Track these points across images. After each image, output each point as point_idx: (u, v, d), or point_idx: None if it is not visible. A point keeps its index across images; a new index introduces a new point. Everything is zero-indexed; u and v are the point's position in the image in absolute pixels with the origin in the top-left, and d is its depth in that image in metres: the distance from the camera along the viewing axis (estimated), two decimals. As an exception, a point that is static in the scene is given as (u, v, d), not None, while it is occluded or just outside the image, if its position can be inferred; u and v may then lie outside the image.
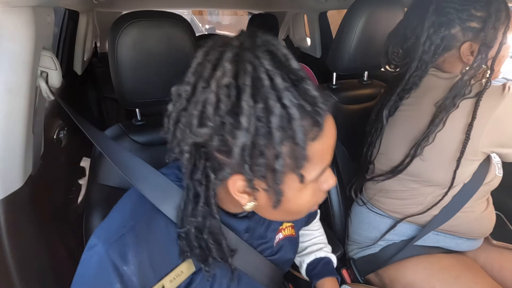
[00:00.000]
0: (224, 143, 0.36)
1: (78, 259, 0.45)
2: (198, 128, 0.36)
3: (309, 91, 0.36)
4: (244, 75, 0.34)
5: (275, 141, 0.34)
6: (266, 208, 0.43)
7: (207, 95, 0.35)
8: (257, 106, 0.34)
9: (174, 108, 0.40)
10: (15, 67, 0.59)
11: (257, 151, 0.35)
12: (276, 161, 0.35)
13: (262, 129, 0.34)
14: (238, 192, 0.41)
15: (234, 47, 0.37)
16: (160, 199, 0.47)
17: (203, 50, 0.39)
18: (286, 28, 2.57)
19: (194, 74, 0.38)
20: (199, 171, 0.41)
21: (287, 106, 0.34)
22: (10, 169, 0.65)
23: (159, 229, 0.46)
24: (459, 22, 0.69)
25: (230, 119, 0.35)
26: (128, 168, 0.52)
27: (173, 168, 0.52)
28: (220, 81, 0.35)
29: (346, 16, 0.97)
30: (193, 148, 0.39)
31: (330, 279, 0.71)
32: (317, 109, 0.36)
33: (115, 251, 0.42)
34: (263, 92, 0.34)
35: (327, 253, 0.76)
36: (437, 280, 0.77)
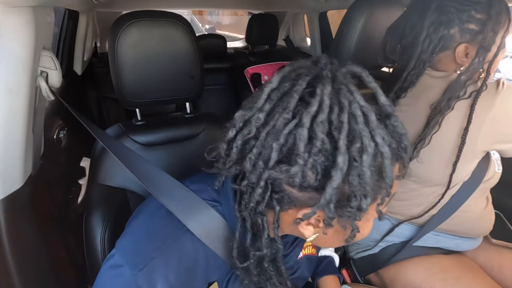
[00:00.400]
0: (304, 179, 0.34)
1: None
2: (283, 165, 0.34)
3: (397, 128, 0.35)
4: (341, 111, 0.33)
5: (365, 181, 0.33)
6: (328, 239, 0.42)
7: (297, 129, 0.33)
8: (354, 145, 0.32)
9: (239, 134, 0.37)
10: (15, 67, 0.59)
11: (346, 189, 0.34)
12: (364, 200, 0.34)
13: (355, 169, 0.33)
14: (306, 225, 0.39)
15: (329, 79, 0.35)
16: (187, 215, 0.44)
17: (279, 76, 0.37)
18: (286, 28, 2.57)
19: (269, 101, 0.36)
20: (264, 203, 0.37)
21: (379, 144, 0.33)
22: (10, 169, 0.65)
23: (187, 250, 0.44)
24: (458, 23, 0.68)
25: (323, 158, 0.33)
26: (144, 176, 0.50)
27: (203, 184, 0.48)
28: (317, 118, 0.33)
29: (346, 16, 0.97)
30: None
31: (333, 277, 0.72)
32: (402, 146, 0.36)
33: (144, 278, 0.40)
34: (357, 130, 0.33)
35: (331, 252, 0.77)
36: (438, 280, 0.77)
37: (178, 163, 0.78)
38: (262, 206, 0.38)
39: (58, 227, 0.88)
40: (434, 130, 0.70)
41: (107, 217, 0.69)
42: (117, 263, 0.42)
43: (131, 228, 0.46)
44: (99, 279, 0.43)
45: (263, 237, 0.41)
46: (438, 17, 0.70)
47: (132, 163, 0.53)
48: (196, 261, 0.44)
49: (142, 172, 0.51)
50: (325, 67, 0.36)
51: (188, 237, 0.44)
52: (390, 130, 0.35)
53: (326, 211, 0.34)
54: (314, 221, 0.39)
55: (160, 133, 0.77)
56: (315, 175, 0.34)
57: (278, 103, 0.36)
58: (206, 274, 0.46)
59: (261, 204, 0.37)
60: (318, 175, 0.34)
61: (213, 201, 0.47)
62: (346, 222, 0.37)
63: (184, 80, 0.76)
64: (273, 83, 0.36)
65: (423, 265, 0.81)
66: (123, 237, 0.45)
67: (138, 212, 0.50)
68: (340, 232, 0.40)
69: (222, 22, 7.79)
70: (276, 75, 0.37)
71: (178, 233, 0.43)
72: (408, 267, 0.82)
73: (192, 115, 0.84)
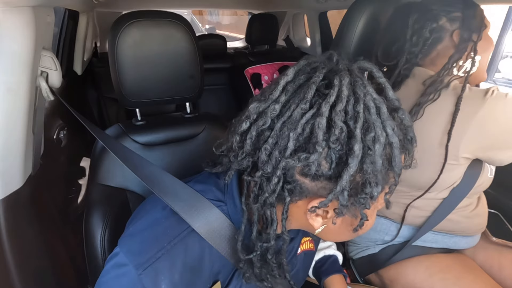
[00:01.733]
0: (319, 168, 0.35)
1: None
2: (301, 154, 0.34)
3: (404, 120, 0.37)
4: (357, 102, 0.35)
5: (377, 169, 0.34)
6: (336, 231, 0.43)
7: (315, 119, 0.34)
8: (369, 135, 0.34)
9: (254, 126, 0.38)
10: (15, 67, 0.59)
11: (359, 177, 0.35)
12: (375, 188, 0.35)
13: (369, 157, 0.34)
14: (315, 216, 0.39)
15: (346, 71, 0.36)
16: (192, 215, 0.44)
17: (294, 69, 0.38)
18: (286, 28, 2.57)
19: (285, 93, 0.37)
20: (275, 195, 0.38)
21: (390, 135, 0.35)
22: (10, 169, 0.65)
23: (192, 250, 0.44)
24: (444, 14, 0.72)
25: (339, 146, 0.34)
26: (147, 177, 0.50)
27: (209, 184, 0.49)
28: (336, 107, 0.34)
29: (346, 16, 0.97)
30: None
31: (338, 276, 0.72)
32: (408, 138, 0.38)
33: (149, 277, 0.40)
34: (371, 120, 0.34)
35: (335, 251, 0.77)
36: (438, 280, 0.77)
37: (178, 163, 0.78)
38: (273, 198, 0.38)
39: (58, 227, 0.88)
40: (419, 120, 0.71)
41: (107, 217, 0.69)
42: (121, 262, 0.42)
43: (135, 227, 0.46)
44: (103, 278, 0.43)
45: (271, 229, 0.41)
46: (422, 15, 0.73)
47: (134, 163, 0.53)
48: (201, 261, 0.45)
49: (144, 173, 0.51)
50: (341, 62, 0.38)
51: (193, 237, 0.44)
52: (397, 122, 0.37)
53: (341, 199, 0.35)
54: (322, 212, 0.39)
55: (160, 133, 0.77)
56: (329, 164, 0.35)
57: (294, 95, 0.37)
58: (210, 273, 0.46)
59: (273, 196, 0.38)
60: (332, 164, 0.35)
61: (218, 201, 0.47)
62: (356, 211, 0.38)
63: (184, 80, 0.76)
64: (288, 76, 0.38)
65: (423, 265, 0.81)
66: (127, 236, 0.45)
67: (139, 211, 0.50)
68: (348, 222, 0.41)
69: (222, 22, 7.79)
70: (291, 68, 0.39)
71: (183, 233, 0.44)
72: (408, 267, 0.82)
73: (192, 115, 0.84)
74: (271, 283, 0.46)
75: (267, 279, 0.46)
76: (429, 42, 0.73)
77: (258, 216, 0.42)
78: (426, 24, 0.72)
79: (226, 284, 0.48)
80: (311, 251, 0.65)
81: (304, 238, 0.62)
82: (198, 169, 0.52)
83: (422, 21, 0.73)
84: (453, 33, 0.72)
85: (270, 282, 0.46)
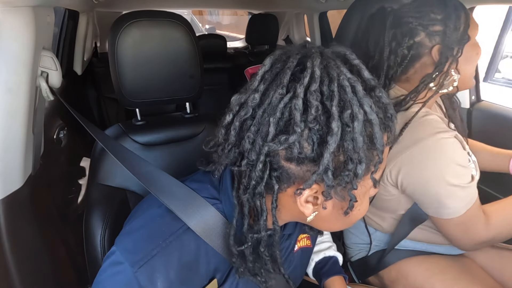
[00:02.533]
0: (301, 150, 0.36)
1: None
2: (281, 136, 0.35)
3: (381, 98, 0.38)
4: (331, 82, 0.35)
5: (359, 146, 0.35)
6: (327, 218, 0.43)
7: (292, 101, 0.35)
8: (345, 112, 0.35)
9: (236, 117, 0.39)
10: (15, 67, 0.59)
11: (341, 156, 0.36)
12: (359, 165, 0.35)
13: (348, 134, 0.35)
14: (305, 202, 0.40)
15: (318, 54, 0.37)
16: (188, 213, 0.45)
17: (271, 58, 0.39)
18: (286, 28, 2.57)
19: (263, 81, 0.38)
20: (263, 183, 0.38)
21: (368, 112, 0.35)
22: (10, 169, 0.65)
23: (188, 248, 0.44)
24: (422, 29, 0.66)
25: (317, 126, 0.35)
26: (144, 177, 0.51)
27: (204, 183, 0.49)
28: (310, 87, 0.35)
29: (346, 16, 0.97)
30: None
31: (339, 278, 0.72)
32: (388, 116, 0.38)
33: (144, 275, 0.40)
34: (347, 99, 0.35)
35: (335, 252, 0.77)
36: (438, 281, 0.77)
37: (178, 163, 0.78)
38: (261, 187, 0.39)
39: (58, 227, 0.88)
40: None
41: (107, 217, 0.69)
42: (117, 260, 0.42)
43: (131, 226, 0.46)
44: (100, 277, 0.43)
45: (262, 219, 0.41)
46: (398, 30, 0.68)
47: (132, 163, 0.53)
48: (197, 258, 0.45)
49: (141, 172, 0.51)
50: (314, 47, 0.39)
51: (189, 235, 0.44)
52: (375, 101, 0.37)
53: (325, 179, 0.36)
54: (312, 198, 0.40)
55: (160, 133, 0.77)
56: (311, 146, 0.36)
57: (272, 83, 0.38)
58: (207, 271, 0.46)
59: (261, 184, 0.39)
60: (314, 145, 0.36)
61: (213, 199, 0.47)
62: (344, 193, 0.38)
63: (184, 80, 0.76)
64: (266, 66, 0.39)
65: (423, 266, 0.80)
66: (123, 235, 0.46)
67: (137, 210, 0.50)
68: (338, 206, 0.41)
69: (222, 22, 7.79)
70: (268, 58, 0.40)
71: (179, 231, 0.44)
72: (408, 268, 0.82)
73: (192, 115, 0.84)
74: (265, 277, 0.46)
75: (261, 273, 0.46)
76: (406, 61, 0.68)
77: (248, 208, 0.42)
78: (404, 41, 0.67)
79: (222, 282, 0.49)
80: (308, 247, 0.65)
81: (301, 235, 0.62)
82: (197, 169, 0.52)
83: (399, 36, 0.67)
84: (432, 49, 0.67)
85: (264, 276, 0.46)
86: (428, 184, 0.66)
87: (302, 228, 0.60)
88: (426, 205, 0.70)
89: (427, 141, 0.64)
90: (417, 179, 0.67)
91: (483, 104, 1.32)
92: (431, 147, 0.64)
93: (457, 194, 0.65)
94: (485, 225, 0.68)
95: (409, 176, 0.67)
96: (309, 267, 0.75)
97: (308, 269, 0.76)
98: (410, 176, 0.67)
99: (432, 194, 0.66)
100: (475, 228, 0.68)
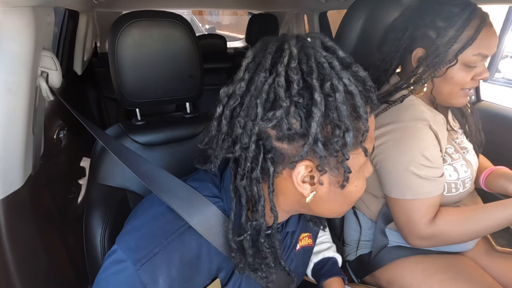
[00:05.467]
0: (290, 126, 0.37)
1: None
2: (268, 113, 0.37)
3: (358, 72, 0.40)
4: (309, 59, 0.38)
5: (343, 115, 0.37)
6: (326, 197, 0.43)
7: (275, 80, 0.37)
8: (325, 85, 0.37)
9: (226, 107, 0.41)
10: (15, 67, 0.59)
11: (329, 125, 0.38)
12: (346, 133, 0.37)
13: (332, 103, 0.37)
14: (302, 182, 0.41)
15: (293, 37, 0.40)
16: (190, 212, 0.45)
17: (253, 50, 0.42)
18: (286, 28, 2.57)
19: (248, 71, 0.40)
20: (258, 168, 0.40)
21: (347, 84, 0.38)
22: (10, 169, 0.65)
23: (190, 246, 0.44)
24: (421, 25, 0.69)
25: (302, 99, 0.37)
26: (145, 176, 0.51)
27: (206, 181, 0.49)
28: (290, 65, 0.37)
29: (346, 16, 0.97)
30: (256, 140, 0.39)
31: (337, 279, 0.71)
32: (367, 88, 0.40)
33: (147, 273, 0.41)
34: (325, 73, 0.38)
35: (335, 253, 0.77)
36: (436, 280, 0.76)
37: (178, 163, 0.78)
38: (257, 171, 0.40)
39: (58, 227, 0.88)
40: None
41: (107, 217, 0.69)
42: (119, 258, 0.42)
43: (132, 225, 0.47)
44: (101, 275, 0.43)
45: (259, 205, 0.42)
46: (410, 18, 0.72)
47: (133, 162, 0.53)
48: (199, 257, 0.45)
49: (143, 171, 0.52)
50: (289, 34, 0.42)
51: (190, 233, 0.44)
52: (353, 75, 0.40)
53: (317, 150, 0.37)
54: (309, 178, 0.41)
55: (160, 133, 0.77)
56: (299, 121, 0.37)
57: (256, 70, 0.40)
58: (209, 270, 0.46)
59: (256, 169, 0.40)
60: (302, 120, 0.37)
61: (215, 197, 0.48)
62: (338, 164, 0.40)
63: (184, 80, 0.76)
64: (249, 57, 0.41)
65: (421, 266, 0.80)
66: (125, 234, 0.46)
67: (137, 210, 0.51)
68: (334, 181, 0.42)
69: (222, 22, 7.79)
70: (250, 50, 0.42)
71: (180, 229, 0.44)
72: (405, 268, 0.81)
73: (192, 115, 0.84)
74: (266, 272, 0.46)
75: (262, 269, 0.46)
76: (401, 49, 0.72)
77: (246, 199, 0.43)
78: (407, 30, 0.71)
79: (225, 282, 0.49)
80: (310, 246, 0.65)
81: (302, 234, 0.62)
82: (197, 169, 0.52)
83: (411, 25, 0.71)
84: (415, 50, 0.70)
85: (265, 272, 0.46)
86: (389, 161, 0.71)
87: (304, 226, 0.60)
88: (382, 181, 0.74)
89: (403, 124, 0.70)
90: (382, 154, 0.71)
91: (483, 104, 1.33)
92: (404, 130, 0.69)
93: (411, 180, 0.69)
94: (428, 222, 0.70)
95: (378, 149, 0.72)
96: (308, 267, 0.75)
97: (307, 269, 0.76)
98: (378, 149, 0.71)
99: (389, 171, 0.71)
100: (417, 220, 0.70)
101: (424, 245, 0.75)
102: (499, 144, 0.94)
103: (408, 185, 0.69)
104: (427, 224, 0.70)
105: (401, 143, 0.69)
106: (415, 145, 0.68)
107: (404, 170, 0.69)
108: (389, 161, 0.71)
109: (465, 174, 0.76)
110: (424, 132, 0.69)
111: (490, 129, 1.24)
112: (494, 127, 1.22)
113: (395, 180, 0.71)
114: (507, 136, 1.17)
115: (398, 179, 0.70)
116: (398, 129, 0.70)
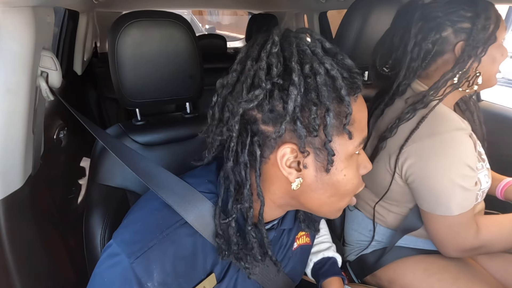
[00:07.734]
0: (273, 108, 0.39)
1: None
2: (251, 92, 0.39)
3: (344, 60, 0.41)
4: (290, 46, 0.40)
5: (323, 96, 0.38)
6: (314, 185, 0.43)
7: (257, 65, 0.39)
8: (305, 67, 0.38)
9: (220, 96, 0.44)
10: (15, 67, 0.59)
11: (308, 105, 0.38)
12: (326, 114, 0.38)
13: (311, 85, 0.38)
14: (287, 166, 0.41)
15: (280, 29, 0.42)
16: (186, 208, 0.45)
17: (246, 46, 0.44)
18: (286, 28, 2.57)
19: (240, 63, 0.42)
20: (246, 151, 0.41)
21: (329, 69, 0.38)
22: (10, 169, 0.65)
23: (185, 242, 0.45)
24: (450, 24, 0.66)
25: (281, 80, 0.38)
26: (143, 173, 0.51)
27: (202, 177, 0.50)
28: (271, 50, 0.39)
29: (346, 16, 0.97)
30: (241, 122, 0.41)
31: (337, 279, 0.72)
32: (353, 75, 0.41)
33: (141, 266, 0.41)
34: (307, 58, 0.39)
35: (334, 253, 0.77)
36: (436, 280, 0.76)
37: (178, 163, 0.78)
38: (245, 155, 0.41)
39: (58, 227, 0.88)
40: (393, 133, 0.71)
41: (107, 217, 0.69)
42: (114, 252, 0.42)
43: (129, 219, 0.47)
44: (97, 269, 0.44)
45: (245, 188, 0.43)
46: (425, 24, 0.68)
47: (132, 161, 0.53)
48: (194, 252, 0.45)
49: (141, 169, 0.52)
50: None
51: (185, 229, 0.45)
52: (339, 63, 0.40)
53: (297, 129, 0.38)
54: (296, 164, 0.42)
55: (160, 133, 0.77)
56: (282, 103, 0.38)
57: (246, 62, 0.42)
58: (204, 266, 0.47)
59: (244, 152, 0.41)
60: (284, 102, 0.38)
61: (211, 193, 0.48)
62: (321, 146, 0.40)
63: (184, 80, 0.76)
64: (242, 53, 0.43)
65: (421, 266, 0.80)
66: (121, 229, 0.46)
67: (135, 206, 0.51)
68: (319, 166, 0.42)
69: (222, 22, 7.79)
70: (244, 46, 0.44)
71: (175, 224, 0.45)
72: (406, 268, 0.82)
73: (192, 115, 0.84)
74: (249, 263, 0.46)
75: (246, 260, 0.46)
76: (430, 56, 0.68)
77: (235, 183, 0.44)
78: (430, 35, 0.67)
79: (221, 278, 0.49)
80: (308, 245, 0.65)
81: (300, 232, 0.63)
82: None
83: (426, 30, 0.67)
84: (456, 46, 0.67)
85: (249, 263, 0.46)
86: (431, 178, 0.66)
87: (300, 224, 0.60)
88: (422, 198, 0.70)
89: (444, 136, 0.65)
90: (422, 171, 0.67)
91: (483, 104, 1.33)
92: (446, 142, 0.65)
93: (457, 194, 0.65)
94: (475, 234, 0.68)
95: (414, 166, 0.68)
96: (308, 267, 0.75)
97: (306, 269, 0.76)
98: (415, 166, 0.68)
99: (432, 188, 0.67)
100: (465, 234, 0.68)
101: (465, 256, 0.74)
102: (499, 144, 0.94)
103: (455, 200, 0.65)
104: (475, 235, 0.68)
105: (444, 157, 0.65)
106: (459, 157, 0.65)
107: (450, 184, 0.65)
108: (431, 178, 0.66)
109: (486, 185, 0.75)
110: (466, 142, 0.65)
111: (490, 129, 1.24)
112: (494, 127, 1.22)
113: (441, 197, 0.66)
114: (507, 136, 1.17)
115: (443, 196, 0.66)
116: (439, 142, 0.65)
